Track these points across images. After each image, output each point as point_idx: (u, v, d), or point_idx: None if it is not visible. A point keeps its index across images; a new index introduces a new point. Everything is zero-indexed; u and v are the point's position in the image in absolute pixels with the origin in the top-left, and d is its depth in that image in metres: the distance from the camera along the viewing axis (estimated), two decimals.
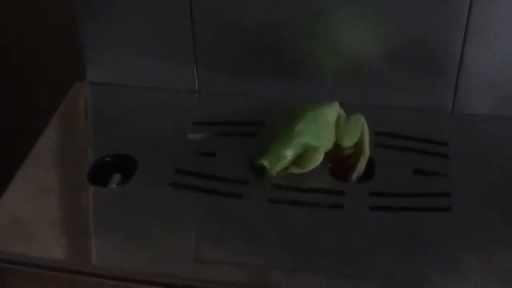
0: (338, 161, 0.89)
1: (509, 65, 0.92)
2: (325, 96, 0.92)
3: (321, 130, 0.87)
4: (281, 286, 0.75)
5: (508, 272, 0.76)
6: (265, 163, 0.84)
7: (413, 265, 0.76)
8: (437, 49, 0.92)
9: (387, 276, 0.76)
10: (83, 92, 0.99)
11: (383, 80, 0.95)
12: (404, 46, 0.93)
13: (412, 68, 0.94)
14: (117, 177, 0.86)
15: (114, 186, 0.85)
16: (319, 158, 0.86)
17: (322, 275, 0.76)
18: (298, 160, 0.86)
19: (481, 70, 0.93)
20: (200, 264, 0.78)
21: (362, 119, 0.89)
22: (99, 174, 0.87)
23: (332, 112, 0.89)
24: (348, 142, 0.88)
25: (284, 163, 0.85)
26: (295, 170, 0.85)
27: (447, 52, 0.92)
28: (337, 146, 0.89)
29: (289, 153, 0.85)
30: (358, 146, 0.88)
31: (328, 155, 0.88)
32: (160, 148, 0.90)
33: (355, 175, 0.87)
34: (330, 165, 0.88)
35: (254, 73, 0.97)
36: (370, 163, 0.88)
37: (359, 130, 0.88)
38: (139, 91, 0.98)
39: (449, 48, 0.92)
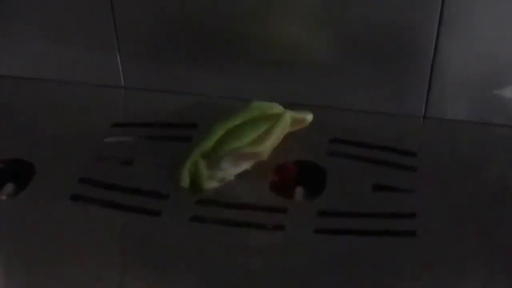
0: (282, 172, 0.74)
1: (489, 62, 0.79)
2: (268, 95, 0.79)
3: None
4: None
5: None
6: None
7: None
8: (406, 41, 0.79)
9: None
10: None
11: (340, 77, 0.82)
12: (367, 36, 0.80)
13: (376, 64, 0.81)
14: (9, 187, 0.71)
15: (3, 197, 0.70)
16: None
17: None
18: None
19: (458, 68, 0.80)
20: None
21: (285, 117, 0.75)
22: None
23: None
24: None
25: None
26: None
27: (418, 44, 0.79)
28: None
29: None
30: None
31: (270, 166, 0.74)
32: (67, 153, 0.76)
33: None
34: (271, 178, 0.74)
35: (188, 67, 0.84)
36: (321, 175, 0.74)
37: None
38: (50, 85, 0.85)
39: (421, 40, 0.79)
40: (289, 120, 0.76)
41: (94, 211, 0.70)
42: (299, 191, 0.74)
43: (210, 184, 0.71)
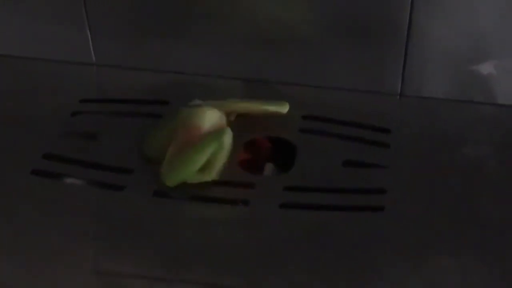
0: (254, 149, 0.73)
1: (466, 37, 0.77)
2: (242, 72, 0.78)
3: None
4: None
5: (443, 284, 0.60)
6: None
7: (325, 275, 0.60)
8: (381, 17, 0.77)
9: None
10: None
11: (315, 54, 0.80)
12: (341, 12, 0.78)
13: (351, 41, 0.79)
14: None
15: None
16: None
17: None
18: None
19: (434, 44, 0.78)
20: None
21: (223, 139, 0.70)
22: None
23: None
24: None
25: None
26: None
27: (393, 19, 0.77)
28: None
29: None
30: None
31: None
32: (32, 129, 0.74)
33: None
34: (243, 154, 0.72)
35: (161, 43, 0.82)
36: (292, 151, 0.72)
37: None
38: (20, 62, 0.83)
39: (395, 15, 0.77)
40: (230, 140, 0.71)
41: (56, 186, 0.68)
42: (268, 168, 0.72)
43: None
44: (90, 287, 0.61)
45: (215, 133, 0.70)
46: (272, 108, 0.75)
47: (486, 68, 0.78)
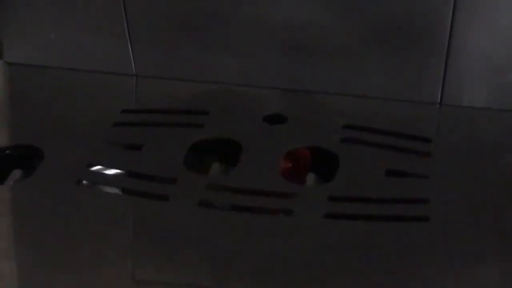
0: (295, 159, 0.73)
1: (506, 47, 0.77)
2: (282, 81, 0.78)
3: None
4: None
5: None
6: None
7: (370, 286, 0.60)
8: (422, 27, 0.78)
9: None
10: None
11: (356, 64, 0.80)
12: (382, 22, 0.78)
13: (392, 50, 0.79)
14: (17, 173, 0.71)
15: (11, 183, 0.70)
16: None
17: None
18: None
19: (474, 54, 0.78)
20: None
21: None
22: None
23: None
24: None
25: None
26: None
27: (434, 30, 0.77)
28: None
29: None
30: None
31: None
32: (76, 139, 0.74)
33: None
34: (283, 164, 0.72)
35: (200, 54, 0.83)
36: (334, 161, 0.72)
37: None
38: (62, 73, 0.84)
39: (436, 26, 0.77)
40: None
41: (101, 196, 0.69)
42: (310, 178, 0.72)
43: None
44: None
45: None
46: None
47: None
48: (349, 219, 0.66)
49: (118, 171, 0.71)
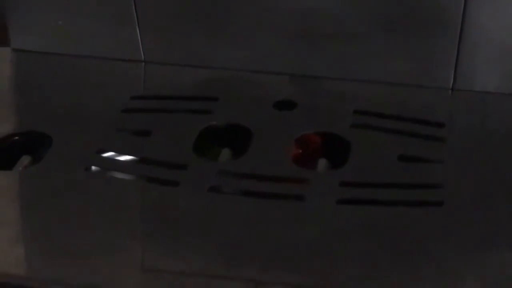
0: (305, 144, 0.72)
1: None
2: (290, 67, 0.78)
3: None
4: None
5: (508, 279, 0.59)
6: None
7: (383, 271, 0.60)
8: (434, 11, 0.77)
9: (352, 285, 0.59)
10: (5, 61, 0.85)
11: (366, 49, 0.79)
12: (393, 6, 0.77)
13: (403, 35, 0.78)
14: (26, 159, 0.70)
15: (20, 169, 0.69)
16: None
17: (269, 285, 0.60)
18: None
19: (487, 38, 0.77)
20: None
21: None
22: (5, 156, 0.71)
23: None
24: None
25: None
26: None
27: (446, 13, 0.76)
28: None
29: None
30: None
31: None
32: (84, 125, 0.74)
33: None
34: (294, 149, 0.71)
35: (208, 40, 0.82)
36: (345, 147, 0.71)
37: None
38: (70, 60, 0.84)
39: (448, 9, 0.76)
40: None
41: (109, 182, 0.68)
42: (321, 164, 0.72)
43: None
44: (144, 284, 0.61)
45: None
46: None
47: None
48: (361, 205, 0.65)
49: (128, 157, 0.70)
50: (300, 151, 0.72)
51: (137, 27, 0.82)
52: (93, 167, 0.69)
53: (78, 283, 0.59)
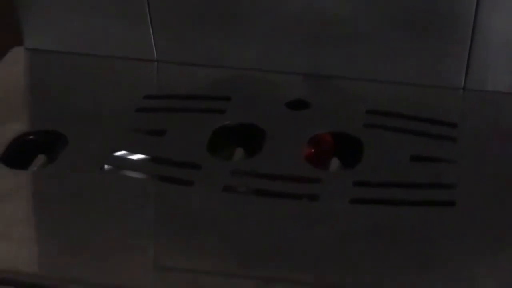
0: (318, 144, 0.73)
1: None
2: (302, 67, 0.78)
3: None
4: None
5: None
6: None
7: (396, 271, 0.60)
8: (446, 10, 0.77)
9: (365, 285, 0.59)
10: (19, 60, 0.85)
11: (378, 48, 0.80)
12: (404, 5, 0.77)
13: (415, 34, 0.79)
14: (41, 158, 0.71)
15: (35, 168, 0.70)
16: None
17: (282, 284, 0.60)
18: None
19: (499, 38, 0.77)
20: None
21: None
22: (20, 155, 0.71)
23: None
24: None
25: None
26: None
27: (458, 13, 0.77)
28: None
29: None
30: None
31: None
32: (98, 124, 0.74)
33: None
34: (306, 149, 0.72)
35: (221, 40, 0.82)
36: (358, 146, 0.72)
37: None
38: (83, 59, 0.84)
39: (461, 9, 0.77)
40: None
41: (125, 181, 0.69)
42: (334, 163, 0.72)
43: None
44: (159, 282, 0.62)
45: None
46: None
47: None
48: (374, 204, 0.65)
49: (142, 156, 0.71)
50: (313, 150, 0.73)
51: (150, 26, 0.82)
52: (108, 166, 0.70)
53: (94, 282, 0.60)
